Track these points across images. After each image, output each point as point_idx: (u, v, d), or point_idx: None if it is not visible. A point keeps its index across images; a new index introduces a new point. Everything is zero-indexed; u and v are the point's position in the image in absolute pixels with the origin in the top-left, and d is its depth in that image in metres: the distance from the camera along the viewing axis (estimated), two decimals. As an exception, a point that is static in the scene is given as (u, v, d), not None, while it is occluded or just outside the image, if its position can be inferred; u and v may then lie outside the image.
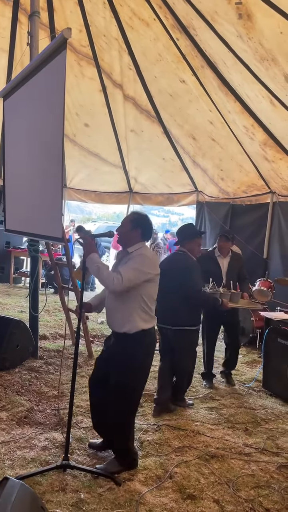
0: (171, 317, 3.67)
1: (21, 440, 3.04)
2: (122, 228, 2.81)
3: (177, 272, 3.63)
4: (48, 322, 6.32)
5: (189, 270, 3.66)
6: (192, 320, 3.72)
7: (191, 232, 3.92)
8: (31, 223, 4.42)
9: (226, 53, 4.93)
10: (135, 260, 2.65)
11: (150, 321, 2.76)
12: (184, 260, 3.72)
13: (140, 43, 5.99)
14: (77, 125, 7.95)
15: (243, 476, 2.81)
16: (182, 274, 3.62)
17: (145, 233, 2.81)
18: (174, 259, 3.88)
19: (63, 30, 3.37)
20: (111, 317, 2.77)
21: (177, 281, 3.58)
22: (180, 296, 3.60)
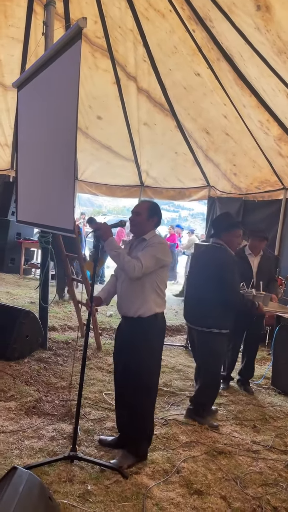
0: (199, 316, 3.32)
1: (29, 430, 3.05)
2: (139, 216, 2.80)
3: (213, 268, 3.24)
4: (58, 314, 6.34)
5: (228, 268, 3.23)
6: (222, 323, 3.29)
7: (229, 222, 3.47)
8: (42, 214, 4.42)
9: (243, 45, 4.85)
10: (155, 248, 2.68)
11: (163, 304, 2.82)
12: (222, 255, 3.29)
13: (156, 35, 5.93)
14: (90, 117, 7.92)
15: (251, 473, 2.79)
16: (219, 271, 3.21)
17: (159, 222, 2.87)
18: (210, 252, 3.43)
19: (79, 20, 3.33)
20: (126, 302, 2.77)
21: (212, 278, 3.22)
22: (213, 295, 3.22)
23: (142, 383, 2.74)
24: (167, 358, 4.98)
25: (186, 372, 4.56)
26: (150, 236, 2.79)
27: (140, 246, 2.77)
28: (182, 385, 4.19)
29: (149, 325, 2.73)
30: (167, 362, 4.82)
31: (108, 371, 4.28)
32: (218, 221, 3.54)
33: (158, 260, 2.67)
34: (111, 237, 2.71)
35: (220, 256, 3.29)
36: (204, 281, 3.25)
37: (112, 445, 2.94)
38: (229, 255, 3.32)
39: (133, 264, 2.60)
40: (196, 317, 3.35)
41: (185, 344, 5.45)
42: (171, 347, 5.47)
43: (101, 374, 4.24)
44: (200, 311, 3.30)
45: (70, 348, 4.91)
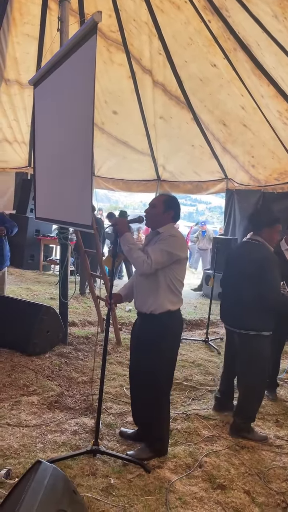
0: (239, 318, 3.09)
1: (52, 424, 3.09)
2: (155, 209, 2.75)
3: (252, 266, 3.00)
4: (77, 309, 6.39)
5: (268, 265, 2.98)
6: (264, 324, 3.03)
7: (271, 216, 3.21)
8: (60, 211, 4.44)
9: (260, 34, 4.76)
10: (165, 242, 2.61)
11: (178, 303, 2.74)
12: (262, 252, 3.04)
13: (171, 27, 5.87)
14: (106, 112, 7.92)
15: (274, 468, 2.76)
16: (259, 269, 2.96)
17: (176, 215, 2.78)
18: (248, 249, 3.14)
19: (94, 14, 3.31)
20: (140, 298, 2.76)
21: (250, 277, 2.99)
22: (253, 294, 2.99)
23: (151, 380, 2.71)
24: (187, 352, 4.97)
25: (206, 367, 4.54)
26: (165, 229, 2.72)
27: (154, 240, 2.73)
28: (202, 380, 4.17)
29: (160, 323, 2.67)
30: (187, 356, 4.81)
31: (128, 366, 4.28)
32: (258, 215, 3.25)
33: (170, 255, 2.58)
34: (127, 232, 2.67)
35: (259, 253, 3.03)
36: (242, 280, 3.04)
37: (132, 438, 2.96)
38: (269, 252, 3.07)
39: (142, 260, 2.54)
40: (235, 318, 3.12)
41: (205, 339, 5.43)
42: (190, 341, 5.45)
43: (122, 368, 4.26)
44: (239, 312, 3.07)
45: (90, 343, 4.94)
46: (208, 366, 4.57)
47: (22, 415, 3.16)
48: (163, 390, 2.79)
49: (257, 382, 3.11)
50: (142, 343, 2.75)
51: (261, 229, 3.13)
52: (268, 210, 3.44)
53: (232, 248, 3.34)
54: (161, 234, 2.70)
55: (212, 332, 5.92)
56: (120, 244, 2.71)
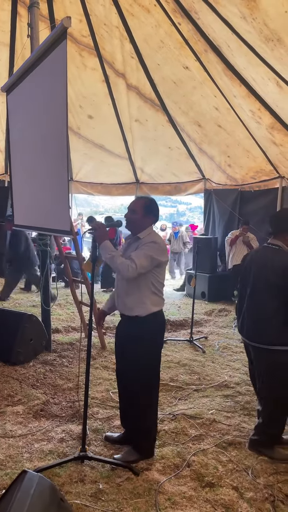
0: (257, 331, 2.83)
1: (38, 432, 3.06)
2: (135, 214, 2.77)
3: (272, 273, 2.75)
4: (60, 316, 6.34)
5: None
6: (284, 338, 2.75)
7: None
8: (39, 217, 4.41)
9: (230, 35, 4.82)
10: (148, 247, 2.64)
11: (160, 303, 2.78)
12: (283, 258, 2.77)
13: (142, 30, 5.90)
14: (81, 117, 7.91)
15: (261, 462, 2.80)
16: (282, 276, 2.71)
17: (156, 219, 2.84)
18: (267, 255, 2.86)
19: (63, 19, 3.31)
20: (123, 301, 2.77)
21: (271, 286, 2.75)
22: (274, 305, 2.75)
23: (140, 381, 2.73)
24: (172, 353, 4.99)
25: (192, 366, 4.56)
26: (145, 234, 2.74)
27: (135, 245, 2.75)
28: (188, 379, 4.19)
29: (147, 324, 2.71)
30: (172, 357, 4.82)
31: (113, 370, 4.28)
32: (281, 219, 2.95)
33: (153, 260, 2.63)
34: (105, 240, 2.68)
35: (282, 260, 2.76)
36: (262, 289, 2.81)
37: (118, 441, 2.96)
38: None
39: (126, 265, 2.57)
40: (254, 332, 2.86)
41: (189, 338, 5.46)
42: (175, 342, 5.47)
43: (107, 373, 4.24)
44: (263, 325, 2.80)
45: (75, 349, 4.91)
46: (193, 365, 4.60)
47: (7, 426, 3.12)
48: (149, 390, 2.80)
49: (281, 401, 2.82)
50: (128, 346, 2.76)
51: (285, 233, 2.86)
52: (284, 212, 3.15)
53: (250, 254, 3.11)
54: (142, 239, 2.72)
55: (196, 331, 5.95)
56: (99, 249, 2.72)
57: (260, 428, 2.93)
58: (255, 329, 2.85)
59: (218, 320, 6.67)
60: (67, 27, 3.34)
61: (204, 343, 5.47)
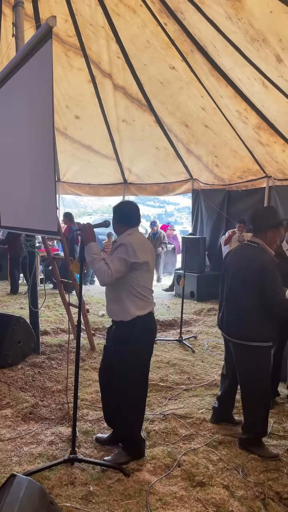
0: (236, 327, 2.88)
1: (27, 436, 3.02)
2: (112, 218, 2.82)
3: (250, 271, 2.79)
4: (49, 318, 6.29)
5: (269, 270, 2.75)
6: (264, 334, 2.80)
7: (276, 218, 2.97)
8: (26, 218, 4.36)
9: (216, 36, 4.84)
10: (118, 250, 2.62)
11: (147, 307, 2.72)
12: (261, 258, 2.80)
13: (128, 30, 5.89)
14: (68, 117, 7.86)
15: (252, 460, 2.81)
16: (259, 275, 2.75)
17: (127, 221, 2.75)
18: (246, 253, 2.91)
19: (48, 18, 3.28)
20: (109, 306, 2.79)
21: (249, 283, 2.80)
22: (252, 302, 2.80)
23: (126, 383, 2.70)
24: (162, 353, 4.98)
25: (182, 366, 4.56)
26: (120, 238, 2.73)
27: (112, 249, 2.77)
28: (178, 379, 4.19)
29: (131, 329, 2.67)
30: (161, 357, 4.82)
31: (103, 371, 4.26)
32: (261, 216, 2.98)
33: (126, 262, 2.55)
34: (91, 241, 2.64)
35: (259, 257, 2.81)
36: (240, 286, 2.85)
37: (108, 442, 2.95)
38: (268, 257, 2.83)
39: (103, 270, 2.53)
40: (233, 328, 2.91)
41: (179, 338, 5.46)
42: (165, 342, 5.47)
43: (97, 374, 4.19)
44: (237, 321, 2.86)
45: (64, 351, 4.87)
46: (183, 365, 4.60)
47: (-5, 430, 3.08)
48: (137, 392, 2.78)
49: (261, 395, 2.88)
50: (115, 349, 2.74)
51: (265, 231, 2.89)
52: (272, 211, 3.22)
53: (231, 251, 3.16)
54: (116, 243, 2.71)
55: (185, 331, 5.96)
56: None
57: (246, 427, 2.97)
58: (234, 326, 2.90)
59: (207, 319, 6.69)
60: (52, 26, 3.31)
61: (194, 342, 5.48)
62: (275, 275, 2.76)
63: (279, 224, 2.94)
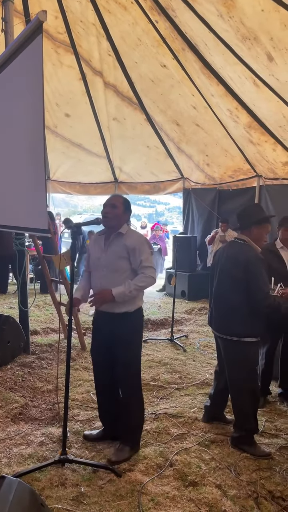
0: (224, 323, 2.93)
1: (17, 437, 2.98)
2: (116, 209, 2.78)
3: (235, 267, 2.84)
4: (39, 317, 6.23)
5: (254, 266, 2.79)
6: (250, 330, 2.84)
7: (260, 214, 3.00)
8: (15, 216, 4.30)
9: (207, 34, 4.83)
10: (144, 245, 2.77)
11: (143, 298, 2.90)
12: (246, 253, 2.85)
13: (119, 27, 5.84)
14: (58, 115, 7.78)
15: (244, 459, 2.79)
16: (244, 271, 2.80)
17: (130, 216, 2.95)
18: (233, 250, 2.96)
19: (38, 13, 3.23)
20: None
21: (235, 279, 2.84)
22: (238, 298, 2.83)
23: (134, 372, 2.81)
24: (153, 352, 4.96)
25: (173, 365, 4.54)
26: (125, 229, 2.79)
27: (118, 241, 2.76)
28: (170, 378, 4.16)
29: (136, 319, 2.80)
30: (153, 356, 4.79)
31: (94, 371, 4.22)
32: (247, 213, 3.02)
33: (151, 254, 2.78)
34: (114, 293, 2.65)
35: (244, 253, 2.85)
36: (226, 282, 2.90)
37: (98, 439, 2.94)
38: (253, 253, 2.87)
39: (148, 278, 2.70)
40: (220, 324, 2.96)
41: (170, 337, 5.44)
42: (156, 341, 5.45)
43: (87, 374, 4.18)
44: (227, 317, 2.90)
45: (54, 351, 4.82)
46: (175, 364, 4.58)
47: (-16, 431, 3.03)
48: (138, 380, 2.86)
49: (250, 391, 2.91)
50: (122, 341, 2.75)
51: (250, 228, 2.94)
52: (258, 208, 3.25)
53: (220, 249, 3.20)
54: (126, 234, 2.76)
55: (177, 330, 5.94)
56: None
57: (237, 424, 2.98)
58: (222, 322, 2.95)
59: (199, 318, 6.68)
60: (43, 21, 3.26)
61: (185, 341, 5.47)
62: (259, 271, 2.80)
63: (263, 220, 2.97)
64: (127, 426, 2.83)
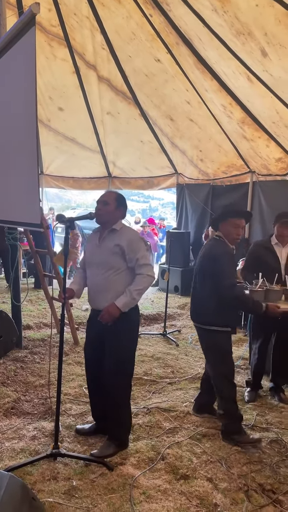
0: (198, 312, 3.12)
1: (9, 431, 2.98)
2: (108, 206, 2.78)
3: (205, 261, 3.03)
4: (32, 312, 6.21)
5: (220, 260, 2.92)
6: (221, 320, 2.98)
7: (225, 210, 3.15)
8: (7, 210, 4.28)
9: (201, 28, 4.82)
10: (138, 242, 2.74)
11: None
12: (214, 247, 3.02)
13: (113, 21, 5.80)
14: (51, 109, 7.73)
15: (235, 453, 2.82)
16: (212, 264, 2.95)
17: (124, 213, 2.88)
18: (207, 245, 3.16)
19: (31, 5, 3.19)
20: (104, 297, 2.72)
21: (204, 272, 3.02)
22: (207, 289, 3.00)
23: (124, 371, 2.76)
24: (146, 347, 4.97)
25: (165, 360, 4.56)
26: (120, 226, 2.78)
27: (111, 237, 2.74)
28: (162, 373, 4.18)
29: (128, 317, 2.71)
30: (146, 351, 4.81)
31: (87, 365, 4.23)
32: (222, 211, 3.16)
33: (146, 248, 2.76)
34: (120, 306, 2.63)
35: (213, 248, 3.02)
36: (199, 275, 3.08)
37: (90, 433, 2.95)
38: (223, 247, 2.99)
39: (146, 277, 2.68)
40: (197, 314, 3.14)
41: (163, 332, 5.46)
42: (149, 336, 5.46)
43: (80, 368, 4.18)
44: (200, 307, 3.10)
45: (47, 345, 4.82)
46: (167, 358, 4.60)
47: (-24, 425, 3.02)
48: (128, 380, 2.83)
49: (225, 377, 3.02)
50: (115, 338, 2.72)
51: (217, 225, 3.09)
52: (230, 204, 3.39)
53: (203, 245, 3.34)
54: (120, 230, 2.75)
55: (169, 325, 5.96)
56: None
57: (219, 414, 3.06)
58: (196, 311, 3.14)
59: (191, 313, 6.70)
60: (36, 13, 3.22)
61: (178, 336, 5.49)
62: (225, 265, 2.93)
63: (225, 214, 3.06)
64: (113, 425, 2.82)
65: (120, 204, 2.82)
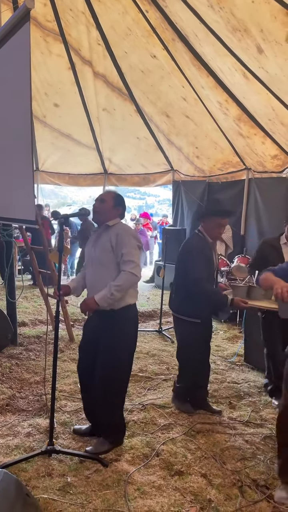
0: (175, 303, 3.35)
1: (3, 428, 2.98)
2: (104, 204, 2.77)
3: (180, 254, 3.28)
4: (27, 309, 6.21)
5: (191, 255, 3.13)
6: (192, 311, 3.17)
7: (213, 209, 3.40)
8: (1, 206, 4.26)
9: (198, 24, 4.79)
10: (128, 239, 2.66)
11: (136, 295, 2.80)
12: (190, 242, 3.26)
13: (108, 16, 5.77)
14: (46, 105, 7.68)
15: (229, 449, 2.84)
16: (184, 257, 3.19)
17: (123, 213, 2.86)
18: (187, 239, 3.43)
19: (26, 0, 3.18)
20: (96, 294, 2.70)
21: (179, 266, 3.27)
22: (180, 280, 3.24)
23: (113, 372, 2.70)
24: (141, 343, 4.98)
25: (161, 356, 4.58)
26: (114, 223, 2.74)
27: (105, 234, 2.72)
28: (157, 369, 4.20)
29: (122, 317, 2.69)
30: (141, 347, 4.82)
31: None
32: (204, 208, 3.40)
33: (138, 246, 2.71)
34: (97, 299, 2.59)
35: (189, 243, 3.25)
36: (176, 268, 3.31)
37: (87, 434, 2.93)
38: (198, 242, 3.17)
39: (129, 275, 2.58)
40: (173, 303, 3.40)
41: (158, 329, 5.47)
42: (144, 332, 5.47)
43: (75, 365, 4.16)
44: (175, 298, 3.34)
45: (42, 342, 4.82)
46: (162, 355, 4.61)
47: (-29, 422, 3.02)
48: (122, 381, 2.80)
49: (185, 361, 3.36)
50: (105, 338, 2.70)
51: (202, 220, 3.26)
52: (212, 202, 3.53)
53: None
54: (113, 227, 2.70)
55: (165, 322, 5.97)
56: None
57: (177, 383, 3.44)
58: (175, 302, 3.36)
59: (187, 310, 6.71)
60: (30, 8, 3.20)
61: (173, 333, 5.48)
62: (195, 260, 3.09)
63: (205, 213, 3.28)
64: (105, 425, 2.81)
65: (117, 204, 2.80)
